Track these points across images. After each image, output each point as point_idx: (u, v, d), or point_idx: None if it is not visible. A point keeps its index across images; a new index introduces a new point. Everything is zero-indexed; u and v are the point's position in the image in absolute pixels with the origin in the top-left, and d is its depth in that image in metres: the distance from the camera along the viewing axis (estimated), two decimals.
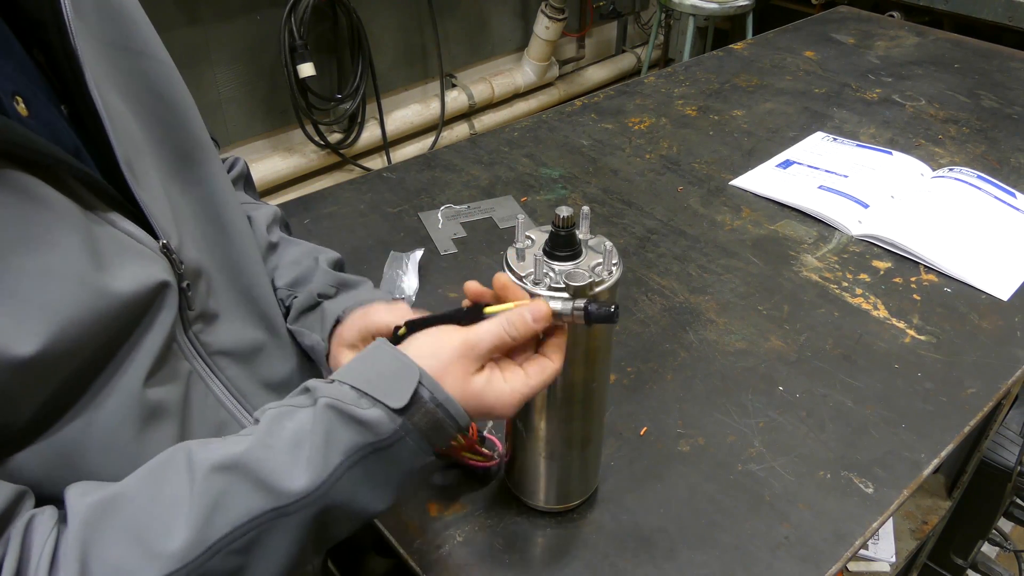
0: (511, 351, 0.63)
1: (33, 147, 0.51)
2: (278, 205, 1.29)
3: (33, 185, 0.51)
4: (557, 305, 0.61)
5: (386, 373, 0.57)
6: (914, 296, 1.10)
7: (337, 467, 0.54)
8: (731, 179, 1.37)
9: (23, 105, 0.54)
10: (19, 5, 0.58)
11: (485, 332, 0.60)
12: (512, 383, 0.61)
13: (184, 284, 0.63)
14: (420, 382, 0.56)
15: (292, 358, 0.78)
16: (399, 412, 0.56)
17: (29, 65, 0.58)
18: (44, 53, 0.60)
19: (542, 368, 0.62)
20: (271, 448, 0.54)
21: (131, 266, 0.57)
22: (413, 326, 0.64)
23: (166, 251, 0.62)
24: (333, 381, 0.57)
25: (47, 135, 0.54)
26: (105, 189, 0.58)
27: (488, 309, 0.62)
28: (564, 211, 0.63)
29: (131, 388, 0.58)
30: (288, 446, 0.54)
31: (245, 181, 0.92)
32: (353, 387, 0.56)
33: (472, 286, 0.65)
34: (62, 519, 0.50)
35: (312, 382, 0.58)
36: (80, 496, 0.51)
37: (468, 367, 0.59)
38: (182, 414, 0.63)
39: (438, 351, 0.59)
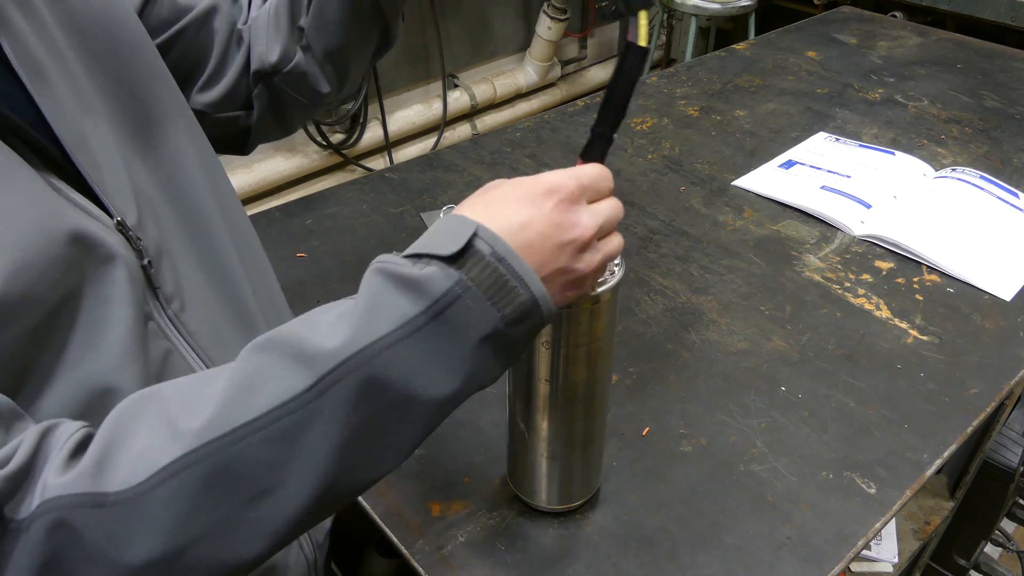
0: None
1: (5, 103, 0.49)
2: (280, 206, 1.29)
3: None
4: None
5: (439, 231, 0.51)
6: (916, 296, 1.10)
7: (385, 336, 0.47)
8: (733, 179, 1.37)
9: None
10: None
11: (561, 176, 0.54)
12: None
13: (145, 261, 0.60)
14: (476, 233, 0.49)
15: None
16: (452, 264, 0.49)
17: None
18: None
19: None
20: (314, 320, 0.49)
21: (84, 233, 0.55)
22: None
23: (121, 228, 0.59)
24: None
25: (1, 103, 0.52)
26: (58, 161, 0.55)
27: None
28: None
29: (102, 363, 0.55)
30: (333, 318, 0.48)
31: None
32: (405, 256, 0.51)
33: None
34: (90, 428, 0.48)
35: (372, 264, 0.53)
36: (124, 399, 0.48)
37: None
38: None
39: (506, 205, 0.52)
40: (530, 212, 0.52)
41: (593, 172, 0.56)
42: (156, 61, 0.70)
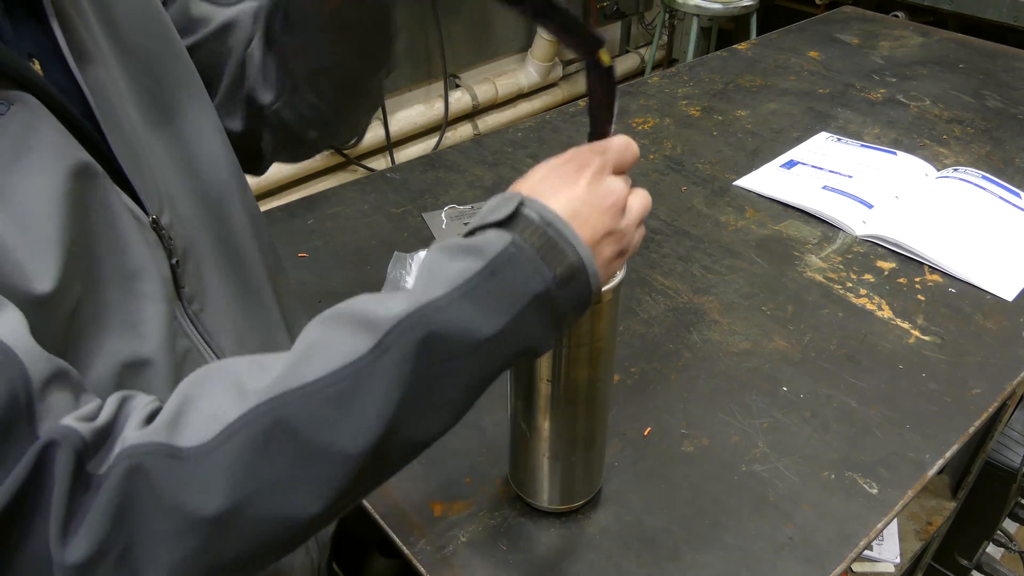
0: None
1: (50, 92, 0.52)
2: (282, 206, 1.29)
3: (46, 115, 0.52)
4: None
5: (488, 208, 0.54)
6: (918, 296, 1.10)
7: (442, 296, 0.49)
8: (735, 179, 1.37)
9: (39, 66, 0.55)
10: None
11: (594, 146, 0.58)
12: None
13: (174, 261, 0.63)
14: (522, 203, 0.53)
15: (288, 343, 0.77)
16: (505, 227, 0.52)
17: (49, 29, 0.57)
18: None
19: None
20: (376, 296, 0.51)
21: (123, 229, 0.58)
22: None
23: (155, 226, 0.61)
24: None
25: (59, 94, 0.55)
26: (105, 155, 0.58)
27: None
28: None
29: (123, 355, 0.57)
30: (395, 293, 0.52)
31: None
32: (460, 235, 0.54)
33: None
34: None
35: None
36: (196, 370, 0.51)
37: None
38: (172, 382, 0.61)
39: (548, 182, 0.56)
40: (570, 188, 0.55)
41: (617, 143, 0.59)
42: (187, 61, 0.70)
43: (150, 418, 0.48)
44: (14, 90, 0.52)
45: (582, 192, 0.55)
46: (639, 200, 0.59)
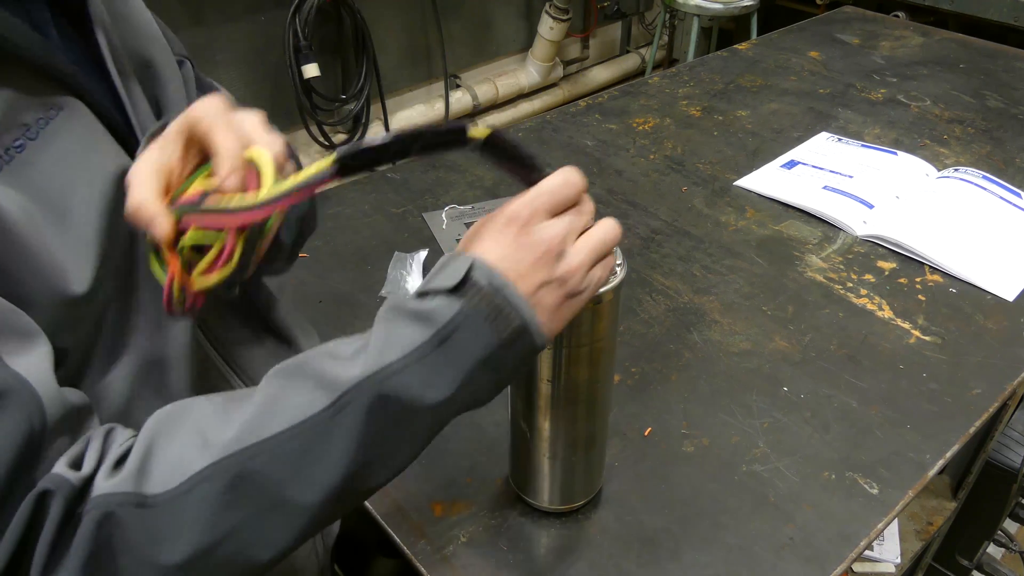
0: None
1: (98, 99, 0.56)
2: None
3: (93, 120, 0.56)
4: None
5: (441, 268, 0.55)
6: (919, 297, 1.10)
7: (396, 361, 0.52)
8: (735, 179, 1.37)
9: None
10: None
11: (524, 200, 0.56)
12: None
13: None
14: (473, 265, 0.54)
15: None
16: (455, 294, 0.53)
17: (93, 40, 0.60)
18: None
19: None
20: (334, 350, 0.54)
21: None
22: (488, 147, 0.56)
23: None
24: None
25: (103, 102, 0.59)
26: (134, 146, 0.61)
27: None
28: None
29: (148, 353, 0.60)
30: (351, 351, 0.53)
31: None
32: (415, 295, 0.55)
33: None
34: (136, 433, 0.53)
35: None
36: (158, 410, 0.54)
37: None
38: (189, 387, 0.65)
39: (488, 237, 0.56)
40: (497, 246, 0.55)
41: (549, 185, 0.56)
42: (180, 81, 0.72)
43: (120, 460, 0.50)
44: (65, 95, 0.54)
45: (508, 249, 0.55)
46: (592, 237, 0.57)
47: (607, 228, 0.58)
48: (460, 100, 3.23)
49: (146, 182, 0.51)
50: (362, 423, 0.51)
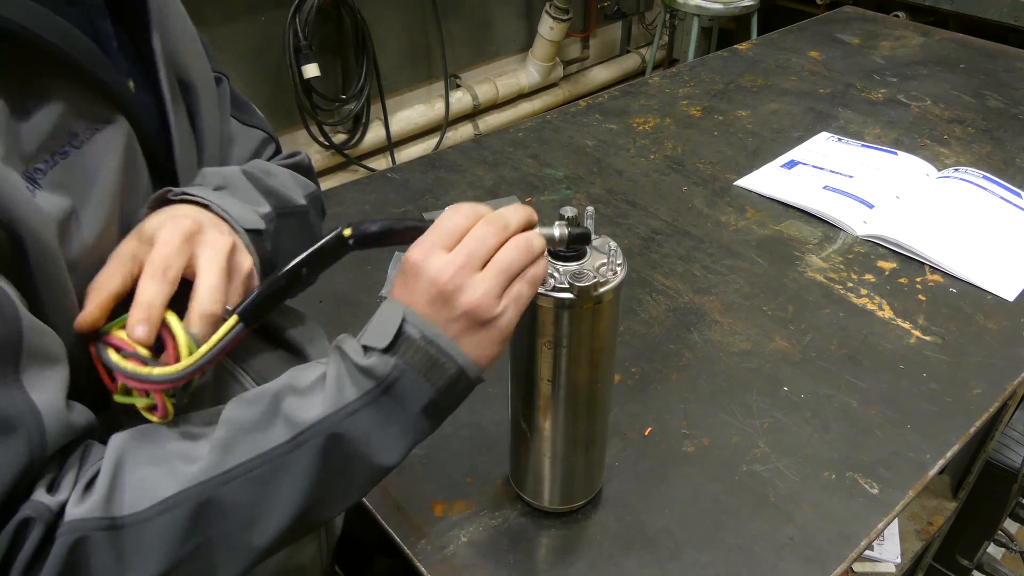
0: None
1: (141, 115, 0.58)
2: None
3: (133, 140, 0.58)
4: (542, 230, 0.61)
5: (378, 322, 0.58)
6: (919, 296, 1.10)
7: (349, 403, 0.55)
8: (736, 179, 1.37)
9: (132, 86, 0.61)
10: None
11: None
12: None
13: None
14: (404, 319, 0.56)
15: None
16: (388, 352, 0.56)
17: (148, 51, 0.64)
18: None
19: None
20: (296, 383, 0.57)
21: None
22: (362, 236, 0.60)
23: None
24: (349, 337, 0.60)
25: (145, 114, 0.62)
26: (168, 173, 0.63)
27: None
28: (568, 211, 0.63)
29: None
30: (309, 384, 0.57)
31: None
32: (358, 340, 0.58)
33: None
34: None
35: (337, 339, 0.60)
36: (119, 433, 0.56)
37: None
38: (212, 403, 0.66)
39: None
40: (404, 291, 0.58)
41: (435, 225, 0.58)
42: (213, 94, 0.74)
43: (90, 483, 0.52)
44: (114, 111, 0.57)
45: (408, 295, 0.57)
46: (496, 262, 0.57)
47: (514, 245, 0.58)
48: (460, 100, 3.23)
49: (98, 303, 0.55)
50: (316, 460, 0.55)
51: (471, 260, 0.56)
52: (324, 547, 0.82)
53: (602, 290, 0.63)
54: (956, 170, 1.35)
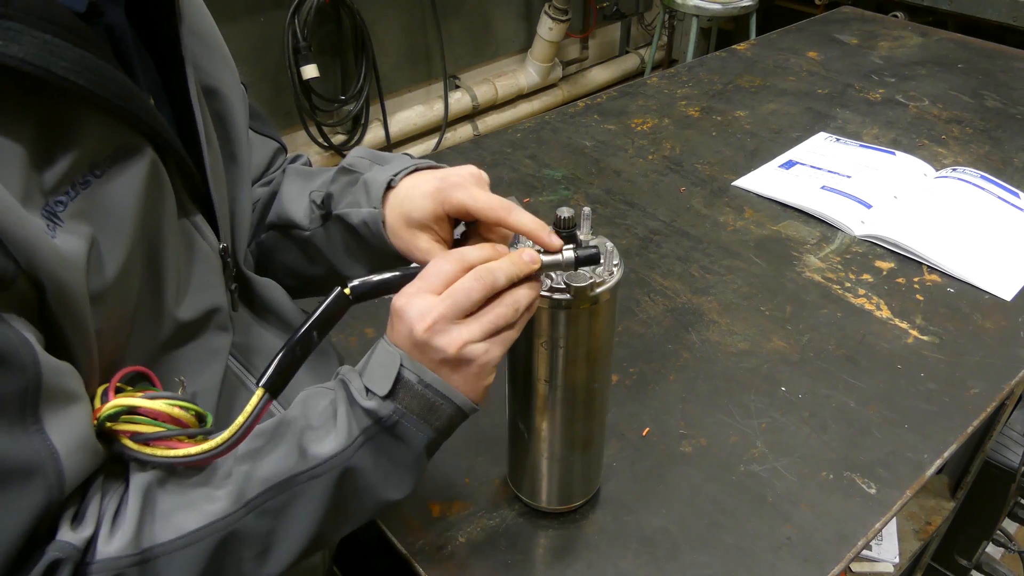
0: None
1: (167, 136, 0.57)
2: None
3: (160, 168, 0.58)
4: (546, 258, 0.61)
5: (378, 362, 0.60)
6: (917, 296, 1.10)
7: (358, 437, 0.59)
8: (734, 180, 1.37)
9: (153, 103, 0.60)
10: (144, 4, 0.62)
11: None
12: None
13: (232, 287, 0.69)
14: (402, 365, 0.58)
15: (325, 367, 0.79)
16: (388, 398, 0.58)
17: (176, 67, 0.63)
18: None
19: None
20: (308, 417, 0.60)
21: (199, 268, 0.64)
22: (361, 294, 0.61)
23: (223, 253, 0.67)
24: (353, 370, 0.62)
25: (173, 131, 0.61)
26: (197, 187, 0.63)
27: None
28: (564, 212, 0.63)
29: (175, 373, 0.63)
30: (323, 419, 0.60)
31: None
32: (359, 374, 0.60)
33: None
34: (125, 479, 0.56)
35: (341, 369, 0.62)
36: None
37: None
38: (216, 410, 0.67)
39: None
40: (393, 335, 0.60)
41: (424, 272, 0.60)
42: (237, 87, 0.74)
43: (116, 515, 0.54)
44: (138, 139, 0.56)
45: (394, 338, 0.59)
46: (481, 318, 0.58)
47: (503, 304, 0.59)
48: (459, 101, 3.23)
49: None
50: (328, 491, 0.59)
51: (453, 310, 0.57)
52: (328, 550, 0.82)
53: (599, 290, 0.63)
54: (954, 170, 1.36)
